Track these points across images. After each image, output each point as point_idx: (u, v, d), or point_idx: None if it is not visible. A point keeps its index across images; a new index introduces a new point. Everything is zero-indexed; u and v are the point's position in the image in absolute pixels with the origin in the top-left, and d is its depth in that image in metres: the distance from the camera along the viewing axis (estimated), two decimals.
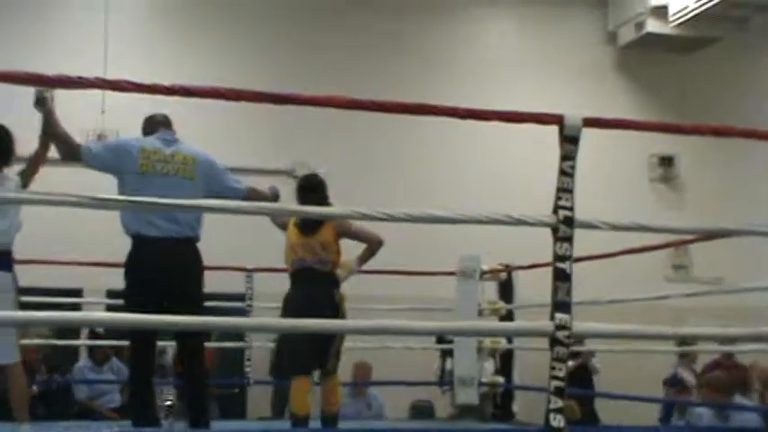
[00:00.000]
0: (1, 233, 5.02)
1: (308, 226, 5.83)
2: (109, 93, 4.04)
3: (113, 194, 4.00)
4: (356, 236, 5.89)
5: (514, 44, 12.42)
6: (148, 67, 10.22)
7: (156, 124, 5.47)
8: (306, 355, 5.72)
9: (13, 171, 5.24)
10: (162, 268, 5.16)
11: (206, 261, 5.39)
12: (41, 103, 4.98)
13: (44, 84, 3.66)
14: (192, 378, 5.38)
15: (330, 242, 5.84)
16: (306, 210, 5.01)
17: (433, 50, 12.04)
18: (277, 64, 11.26)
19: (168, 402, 6.35)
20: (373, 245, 5.89)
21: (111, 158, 5.21)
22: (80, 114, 10.23)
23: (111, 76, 3.67)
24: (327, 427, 5.87)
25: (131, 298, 5.18)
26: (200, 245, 5.34)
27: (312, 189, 5.90)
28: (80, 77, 3.10)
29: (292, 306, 5.75)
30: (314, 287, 5.76)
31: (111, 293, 9.46)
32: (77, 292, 9.54)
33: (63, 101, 8.30)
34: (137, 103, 6.60)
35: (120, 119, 10.32)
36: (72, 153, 5.15)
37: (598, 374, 10.16)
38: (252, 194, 5.46)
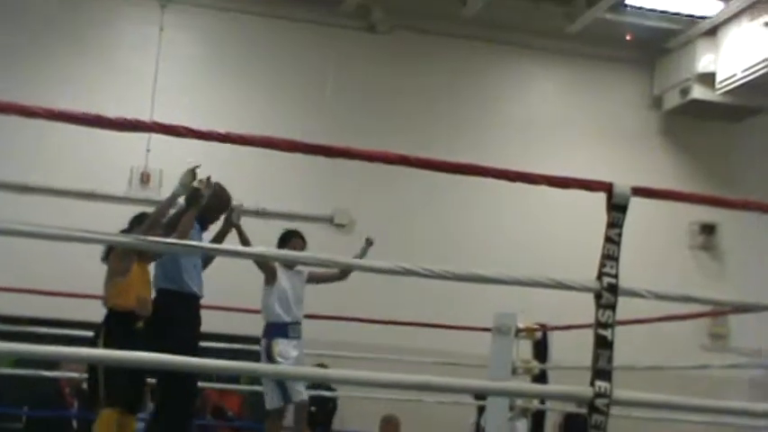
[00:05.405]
0: None
1: None
2: (154, 134, 4.08)
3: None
4: None
5: (558, 106, 12.37)
6: (193, 111, 10.28)
7: None
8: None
9: None
10: None
11: None
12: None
13: (99, 125, 3.66)
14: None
15: None
16: (341, 261, 4.89)
17: (475, 112, 12.00)
18: (323, 115, 11.29)
19: None
20: None
21: None
22: (125, 153, 10.48)
23: (158, 118, 3.72)
24: None
25: None
26: None
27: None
28: (138, 120, 3.13)
29: None
30: None
31: None
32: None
33: (109, 139, 8.43)
34: (180, 145, 6.74)
35: (163, 159, 10.48)
36: None
37: None
38: None
